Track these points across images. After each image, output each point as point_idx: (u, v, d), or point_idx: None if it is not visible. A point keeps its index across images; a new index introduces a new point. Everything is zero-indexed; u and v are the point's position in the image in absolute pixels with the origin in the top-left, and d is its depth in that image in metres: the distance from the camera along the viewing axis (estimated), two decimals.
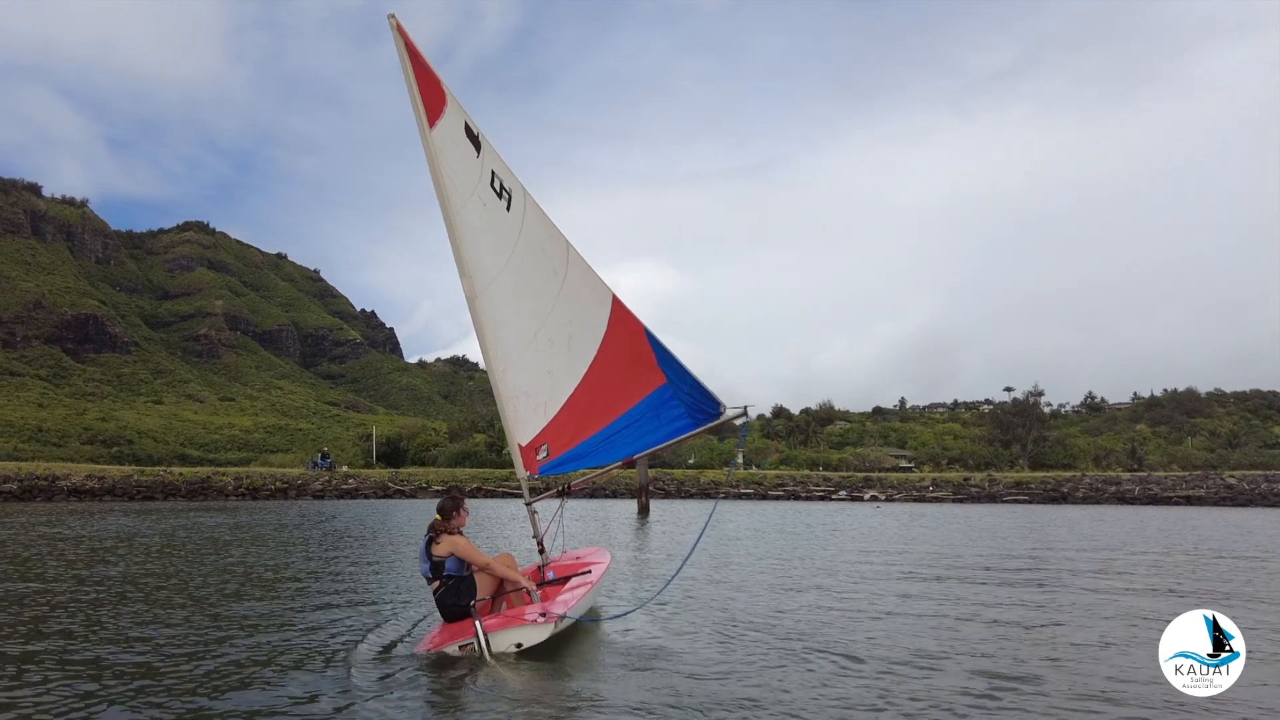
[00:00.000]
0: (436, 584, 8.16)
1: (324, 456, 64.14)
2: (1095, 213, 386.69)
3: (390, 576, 13.87)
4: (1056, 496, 50.95)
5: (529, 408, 9.46)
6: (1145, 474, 57.65)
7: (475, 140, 8.66)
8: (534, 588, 8.66)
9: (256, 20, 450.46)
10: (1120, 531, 26.23)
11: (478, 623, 7.35)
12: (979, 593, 12.21)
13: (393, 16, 7.96)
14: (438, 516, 8.31)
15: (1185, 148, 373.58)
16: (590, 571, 9.61)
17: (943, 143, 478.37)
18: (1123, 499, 49.06)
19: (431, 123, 8.33)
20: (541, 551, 10.03)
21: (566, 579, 9.29)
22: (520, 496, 10.20)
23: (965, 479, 58.38)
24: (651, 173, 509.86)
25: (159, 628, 9.14)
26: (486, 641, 7.27)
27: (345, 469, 64.68)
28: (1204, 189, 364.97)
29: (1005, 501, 50.73)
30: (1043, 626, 9.45)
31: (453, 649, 7.45)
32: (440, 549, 8.14)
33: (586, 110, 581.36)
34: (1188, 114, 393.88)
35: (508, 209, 8.88)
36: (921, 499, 52.44)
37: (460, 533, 8.40)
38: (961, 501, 51.34)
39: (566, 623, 7.73)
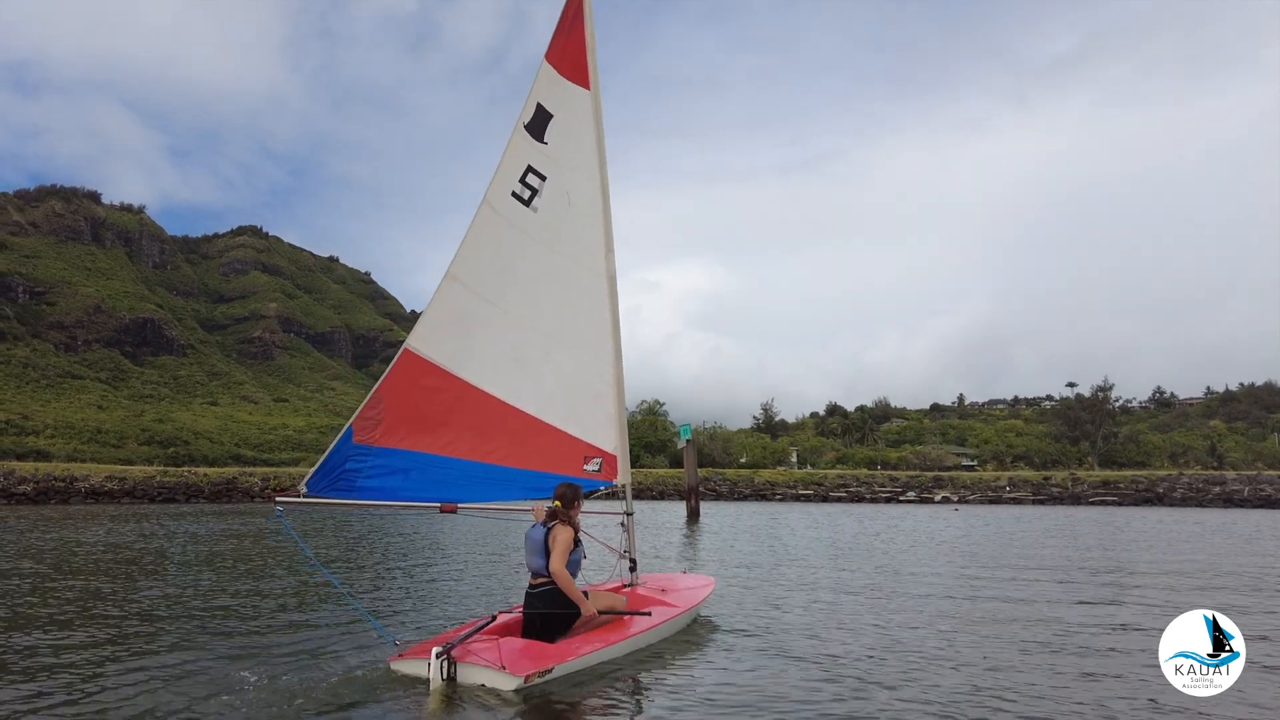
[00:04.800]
0: (543, 580, 7.18)
1: None
2: (1160, 202, 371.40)
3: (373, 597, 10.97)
4: (1150, 498, 46.15)
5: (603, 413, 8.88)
6: (1255, 473, 52.13)
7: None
8: (600, 607, 7.46)
9: (313, 30, 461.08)
10: None
11: (436, 650, 6.30)
12: None
13: None
14: (556, 503, 7.41)
15: (1256, 133, 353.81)
16: (651, 614, 7.99)
17: (1000, 133, 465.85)
18: (1229, 501, 43.93)
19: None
20: (633, 569, 9.21)
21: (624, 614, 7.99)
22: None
23: (1045, 478, 53.76)
24: (703, 169, 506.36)
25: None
26: (450, 669, 6.22)
27: None
28: (1277, 174, 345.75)
29: (1091, 503, 46.14)
30: None
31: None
32: (550, 536, 7.17)
33: (638, 109, 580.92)
34: (1259, 98, 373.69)
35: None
36: (998, 500, 48.23)
37: (576, 525, 7.37)
38: (1042, 503, 47.00)
39: (549, 677, 6.39)
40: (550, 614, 7.16)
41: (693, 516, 31.47)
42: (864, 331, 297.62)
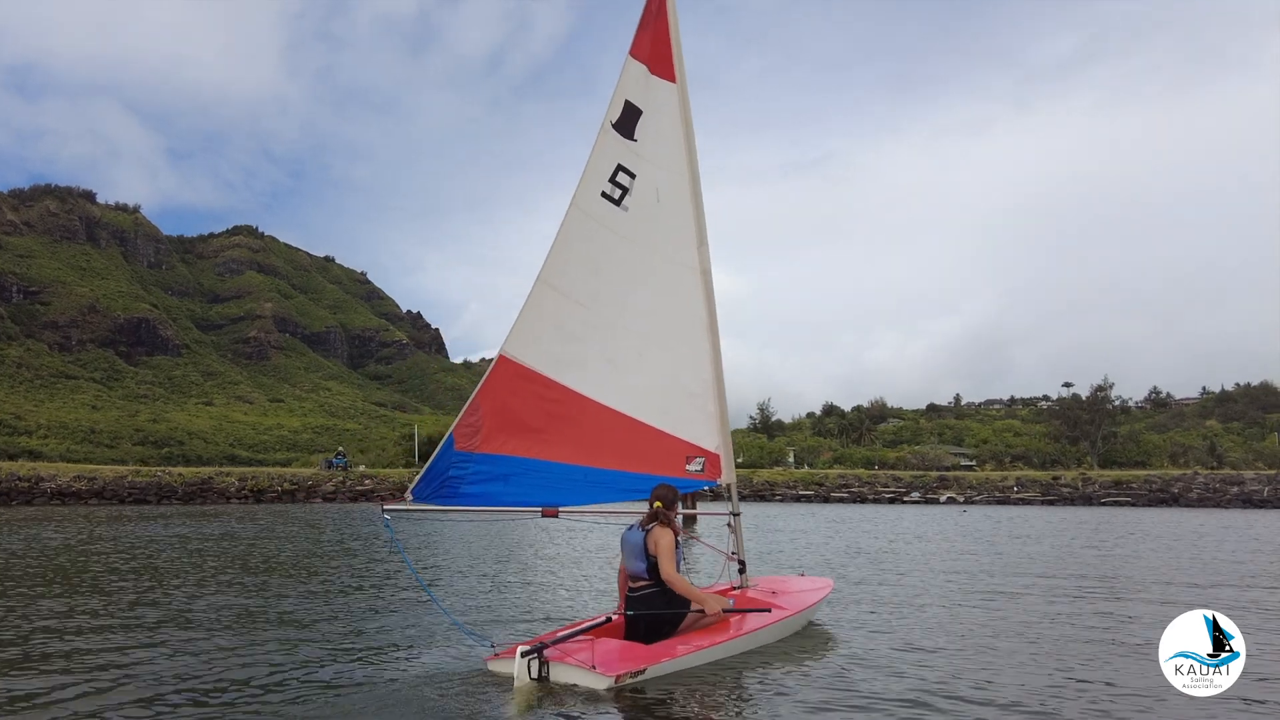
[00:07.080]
0: (644, 583, 7.09)
1: (339, 455, 60.65)
2: (1155, 203, 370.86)
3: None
4: (1166, 498, 45.20)
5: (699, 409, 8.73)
6: (1275, 473, 50.94)
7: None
8: (723, 606, 7.30)
9: (314, 33, 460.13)
10: None
11: (522, 649, 6.26)
12: None
13: None
14: (658, 504, 7.23)
15: (1253, 133, 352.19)
16: (771, 611, 7.91)
17: (1002, 135, 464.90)
18: (1248, 502, 42.92)
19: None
20: (742, 571, 8.93)
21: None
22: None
23: (1055, 478, 52.56)
24: (705, 170, 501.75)
25: None
26: (543, 668, 6.17)
27: (362, 469, 60.99)
28: (1271, 175, 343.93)
29: (1104, 504, 45.08)
30: None
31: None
32: (650, 540, 7.03)
33: None
34: (1262, 98, 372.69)
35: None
36: (1006, 500, 47.20)
37: (676, 527, 7.24)
38: (1052, 503, 46.01)
39: (641, 678, 6.26)
40: (651, 616, 7.12)
41: (690, 519, 30.14)
42: (864, 332, 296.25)
